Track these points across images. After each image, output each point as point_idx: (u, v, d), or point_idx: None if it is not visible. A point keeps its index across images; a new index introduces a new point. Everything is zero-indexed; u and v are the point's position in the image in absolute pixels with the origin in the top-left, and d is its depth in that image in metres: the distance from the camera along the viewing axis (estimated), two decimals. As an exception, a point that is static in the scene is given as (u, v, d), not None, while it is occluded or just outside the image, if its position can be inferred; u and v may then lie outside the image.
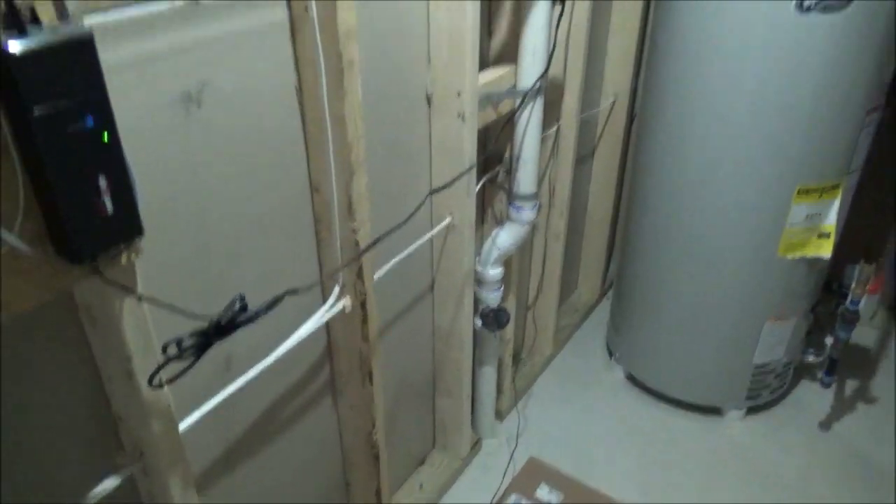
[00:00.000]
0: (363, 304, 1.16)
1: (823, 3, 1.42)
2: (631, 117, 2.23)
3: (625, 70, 2.09)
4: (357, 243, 1.09)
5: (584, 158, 2.18)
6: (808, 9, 1.43)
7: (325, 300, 1.15)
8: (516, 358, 2.12)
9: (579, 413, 2.08)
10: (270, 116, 0.98)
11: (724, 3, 1.52)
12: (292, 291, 0.91)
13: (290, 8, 0.95)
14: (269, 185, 1.02)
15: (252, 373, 1.01)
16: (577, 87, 1.76)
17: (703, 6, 1.56)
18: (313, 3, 0.92)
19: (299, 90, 1.00)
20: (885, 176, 1.71)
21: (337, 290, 1.14)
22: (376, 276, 1.21)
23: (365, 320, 1.18)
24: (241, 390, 1.00)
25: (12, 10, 0.56)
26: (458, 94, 1.27)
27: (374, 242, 1.10)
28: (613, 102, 2.14)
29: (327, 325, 1.22)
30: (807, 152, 1.61)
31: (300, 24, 0.95)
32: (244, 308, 0.82)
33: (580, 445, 1.96)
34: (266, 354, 1.04)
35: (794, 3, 1.43)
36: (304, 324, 1.09)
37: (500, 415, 2.00)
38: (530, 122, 1.44)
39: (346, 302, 1.15)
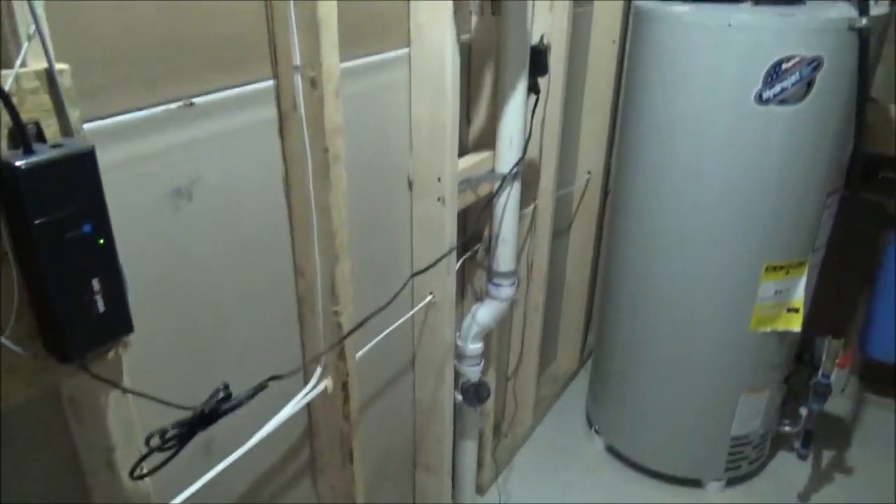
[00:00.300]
0: (345, 385, 1.18)
1: (779, 97, 1.52)
2: (605, 192, 2.31)
3: (598, 149, 2.19)
4: (340, 326, 1.12)
5: (560, 233, 2.24)
6: (767, 101, 1.53)
7: (306, 381, 1.17)
8: (497, 430, 2.12)
9: (560, 486, 2.07)
10: (258, 206, 1.02)
11: (689, 91, 1.62)
12: (276, 377, 0.93)
13: (279, 106, 1.00)
14: (254, 270, 1.05)
15: (233, 457, 1.02)
16: (552, 169, 1.84)
17: (669, 93, 1.66)
18: (301, 101, 0.98)
19: (286, 181, 1.05)
20: (848, 253, 1.79)
21: (319, 370, 1.16)
22: (358, 355, 1.23)
23: (346, 400, 1.19)
24: (221, 473, 1.00)
25: (20, 128, 0.60)
26: (439, 179, 1.32)
27: (358, 326, 1.12)
28: (588, 180, 2.22)
29: (308, 406, 1.23)
30: (772, 231, 1.68)
31: (289, 121, 1.00)
32: (228, 397, 0.84)
33: (562, 520, 1.95)
34: (247, 437, 1.04)
35: (753, 96, 1.53)
36: (286, 406, 1.10)
37: (480, 489, 1.99)
38: (508, 203, 1.50)
39: (327, 382, 1.17)
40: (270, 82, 0.98)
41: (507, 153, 1.45)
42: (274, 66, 0.98)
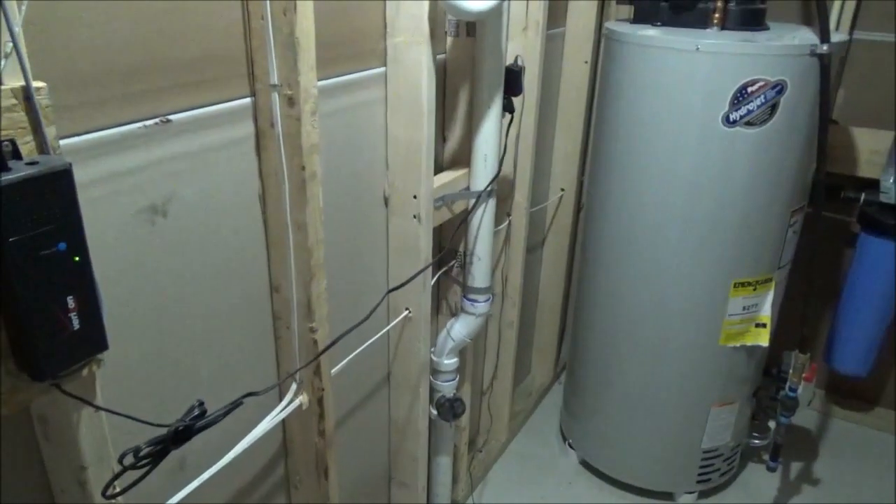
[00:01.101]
0: (320, 401, 1.18)
1: (745, 119, 1.57)
2: (578, 209, 2.35)
3: (571, 166, 2.22)
4: (316, 342, 1.12)
5: (534, 248, 2.27)
6: (734, 122, 1.58)
7: (281, 397, 1.17)
8: (472, 445, 2.13)
9: (535, 500, 2.08)
10: (233, 223, 1.03)
11: (658, 112, 1.66)
12: (252, 394, 0.93)
13: (256, 123, 1.01)
14: (229, 286, 1.05)
15: (207, 474, 1.01)
16: (526, 186, 1.87)
17: (639, 113, 1.70)
18: (279, 119, 0.99)
19: (262, 198, 1.05)
20: (813, 270, 1.84)
21: (294, 387, 1.16)
22: (333, 372, 1.24)
23: (322, 416, 1.19)
24: (195, 490, 1.00)
25: (-5, 146, 0.60)
26: (415, 197, 1.34)
27: (334, 342, 1.13)
28: (561, 196, 2.26)
29: (283, 422, 1.23)
30: (740, 248, 1.73)
31: (265, 139, 1.01)
32: (203, 414, 0.84)
33: (536, 535, 1.96)
34: (222, 453, 1.04)
35: (720, 118, 1.58)
36: (261, 422, 1.10)
37: (456, 504, 1.99)
38: (483, 220, 1.52)
39: (303, 399, 1.17)
40: (248, 100, 0.99)
41: (482, 171, 1.47)
42: (251, 83, 0.99)
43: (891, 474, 2.22)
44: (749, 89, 1.55)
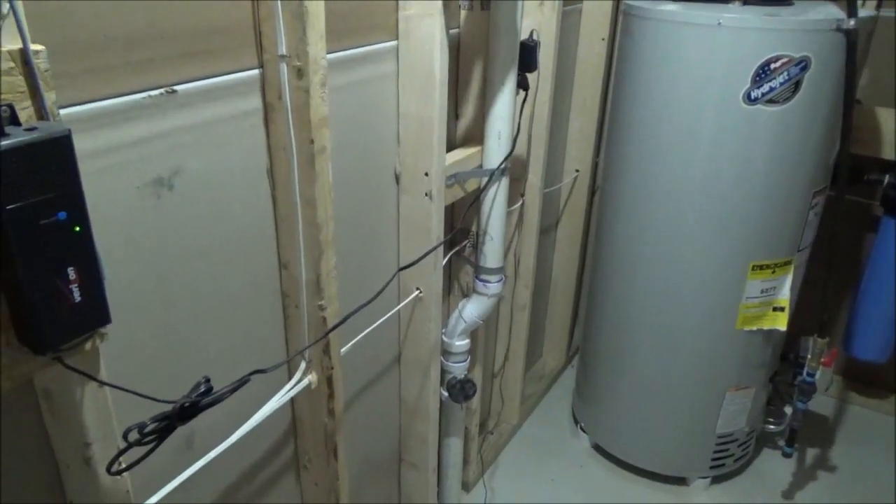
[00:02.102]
0: (329, 380, 1.16)
1: (767, 96, 1.52)
2: (593, 190, 2.31)
3: (586, 146, 2.18)
4: (325, 320, 1.10)
5: (547, 230, 2.24)
6: (755, 100, 1.53)
7: (290, 376, 1.15)
8: (483, 428, 2.12)
9: (546, 484, 2.07)
10: (242, 198, 1.00)
11: (678, 89, 1.62)
12: (259, 371, 0.92)
13: (264, 96, 0.99)
14: (237, 262, 1.03)
15: (214, 452, 1.00)
16: (540, 166, 1.83)
17: (657, 91, 1.66)
18: (287, 91, 0.96)
19: (271, 173, 1.03)
20: (834, 254, 1.79)
21: (303, 365, 1.15)
22: (343, 351, 1.22)
23: (331, 396, 1.18)
24: (202, 469, 0.99)
25: (-8, 111, 0.58)
26: (426, 174, 1.31)
27: (343, 320, 1.11)
28: (576, 177, 2.22)
29: (292, 401, 1.22)
30: (759, 230, 1.69)
31: (274, 111, 0.99)
32: (209, 391, 0.82)
33: (547, 518, 1.95)
34: (229, 432, 1.03)
35: (741, 95, 1.53)
36: (269, 401, 1.09)
37: (466, 486, 1.98)
38: (496, 199, 1.49)
39: (311, 377, 1.15)
40: (256, 71, 0.97)
41: (496, 149, 1.44)
42: (259, 54, 0.96)
43: (909, 462, 2.19)
44: (772, 66, 1.51)
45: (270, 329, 1.15)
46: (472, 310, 1.59)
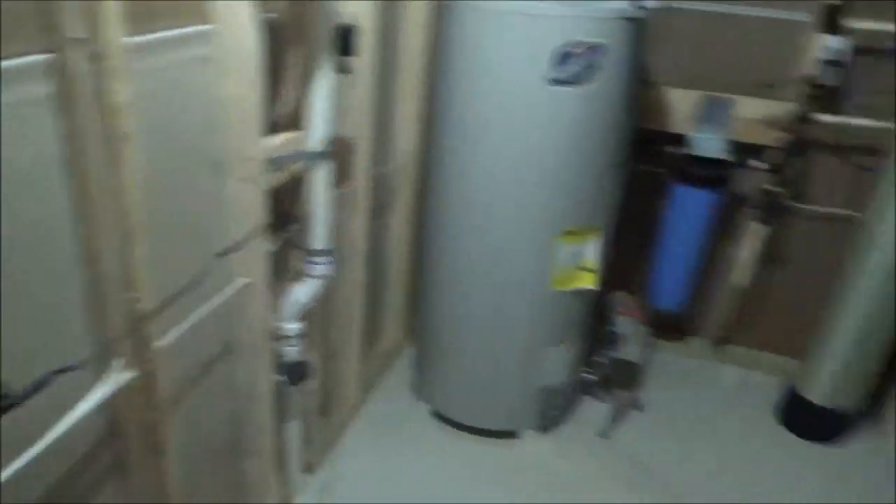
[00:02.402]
0: (149, 373, 1.13)
1: (568, 79, 1.67)
2: (422, 172, 2.39)
3: (413, 130, 2.25)
4: (138, 312, 1.07)
5: (382, 212, 2.28)
6: (557, 83, 1.68)
7: (102, 373, 1.10)
8: (325, 409, 2.14)
9: (389, 455, 2.15)
10: (32, 191, 0.93)
11: (488, 73, 1.73)
12: (61, 370, 0.87)
13: (57, 81, 0.92)
14: (33, 259, 0.96)
15: (21, 461, 0.94)
16: (365, 149, 1.86)
17: (470, 75, 1.77)
18: (81, 76, 0.91)
19: (71, 163, 0.97)
20: (637, 218, 2.02)
21: (121, 361, 1.10)
22: (167, 342, 1.18)
23: (153, 390, 1.15)
24: (7, 482, 0.92)
25: None
26: (246, 159, 1.30)
27: (156, 311, 1.08)
28: (404, 160, 2.28)
29: (112, 399, 1.16)
30: (566, 200, 1.86)
31: (69, 98, 0.93)
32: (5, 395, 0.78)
33: (394, 484, 2.03)
34: (40, 436, 0.97)
35: (545, 77, 1.67)
36: (82, 402, 1.03)
37: (311, 468, 2.00)
38: (320, 181, 1.51)
39: (129, 372, 1.11)
40: (43, 56, 0.90)
41: (317, 132, 1.45)
42: (48, 37, 0.90)
43: (706, 394, 2.55)
44: (571, 51, 1.65)
45: (82, 326, 1.09)
46: (302, 292, 1.60)
